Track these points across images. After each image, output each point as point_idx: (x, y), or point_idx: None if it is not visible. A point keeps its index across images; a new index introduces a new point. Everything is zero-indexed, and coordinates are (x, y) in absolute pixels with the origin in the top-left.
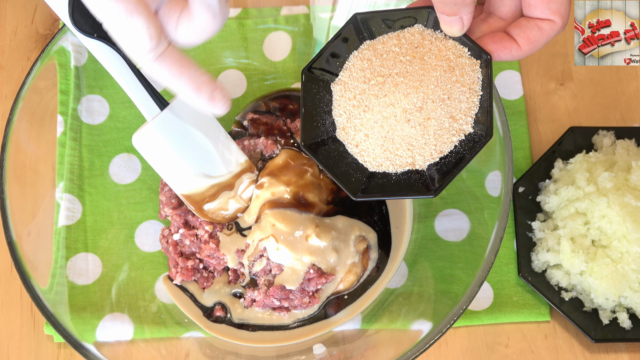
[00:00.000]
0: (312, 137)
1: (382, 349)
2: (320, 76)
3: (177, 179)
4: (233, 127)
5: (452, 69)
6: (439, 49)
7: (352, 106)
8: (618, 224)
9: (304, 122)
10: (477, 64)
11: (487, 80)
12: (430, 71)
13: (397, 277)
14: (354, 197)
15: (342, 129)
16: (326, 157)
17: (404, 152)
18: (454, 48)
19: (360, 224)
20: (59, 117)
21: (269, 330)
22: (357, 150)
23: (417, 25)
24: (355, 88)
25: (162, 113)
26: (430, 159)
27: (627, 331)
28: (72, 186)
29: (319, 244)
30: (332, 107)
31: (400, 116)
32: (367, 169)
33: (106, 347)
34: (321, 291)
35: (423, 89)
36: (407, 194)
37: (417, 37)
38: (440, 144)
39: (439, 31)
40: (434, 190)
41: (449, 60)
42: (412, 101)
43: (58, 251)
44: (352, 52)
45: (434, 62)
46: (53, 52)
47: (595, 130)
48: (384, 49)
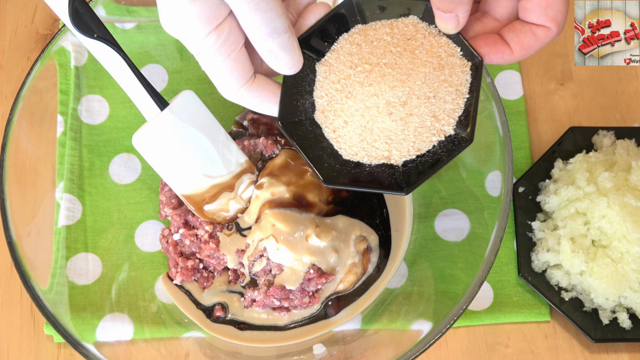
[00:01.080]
0: (290, 115)
1: (382, 349)
2: (306, 53)
3: (177, 179)
4: (233, 127)
5: (441, 67)
6: (431, 44)
7: (335, 90)
8: (618, 224)
9: (283, 98)
10: (468, 66)
11: (475, 84)
12: (420, 66)
13: (397, 277)
14: (325, 183)
15: (322, 112)
16: (301, 138)
17: (381, 144)
18: (447, 46)
19: (361, 224)
20: (59, 117)
21: (269, 330)
22: (334, 135)
23: (412, 17)
24: (341, 72)
25: (162, 113)
26: (406, 156)
27: (627, 331)
28: (72, 186)
29: (319, 244)
30: (315, 87)
31: (382, 108)
32: (341, 156)
33: (106, 347)
34: (321, 291)
35: (410, 84)
36: (378, 187)
37: (410, 29)
38: (419, 142)
39: (433, 26)
40: (405, 187)
41: (439, 57)
42: (397, 94)
43: (58, 251)
44: (342, 34)
45: (424, 58)
46: (53, 52)
47: (595, 130)
48: (375, 36)
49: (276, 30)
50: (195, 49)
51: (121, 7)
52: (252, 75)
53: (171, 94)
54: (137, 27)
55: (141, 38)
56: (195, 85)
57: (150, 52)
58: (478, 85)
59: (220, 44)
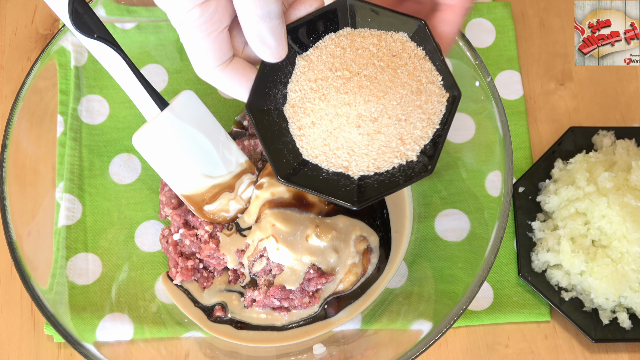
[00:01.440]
0: (260, 102)
1: (382, 349)
2: (290, 44)
3: (177, 180)
4: (233, 127)
5: (419, 92)
6: (415, 67)
7: (310, 88)
8: (618, 224)
9: (256, 84)
10: (445, 97)
11: (448, 117)
12: (398, 86)
13: (397, 277)
14: (279, 179)
15: (292, 106)
16: (265, 128)
17: (343, 154)
18: (429, 72)
19: (361, 224)
20: (59, 117)
21: (269, 330)
22: (299, 133)
23: (402, 33)
24: (320, 72)
25: (162, 113)
26: (365, 170)
27: (627, 331)
28: (72, 186)
29: (319, 244)
30: (290, 80)
31: (352, 119)
32: (301, 155)
33: (106, 347)
34: (321, 291)
35: (384, 102)
36: (330, 194)
37: (397, 46)
38: (380, 160)
39: (421, 48)
40: (356, 202)
41: (419, 82)
42: (369, 109)
43: (58, 251)
44: (330, 33)
45: (404, 79)
46: (53, 52)
47: (595, 130)
48: (361, 44)
49: (269, 14)
50: (177, 21)
51: (121, 7)
52: (230, 58)
53: (171, 94)
54: (137, 27)
55: (141, 38)
56: (195, 85)
57: (150, 52)
58: (451, 119)
59: (204, 20)
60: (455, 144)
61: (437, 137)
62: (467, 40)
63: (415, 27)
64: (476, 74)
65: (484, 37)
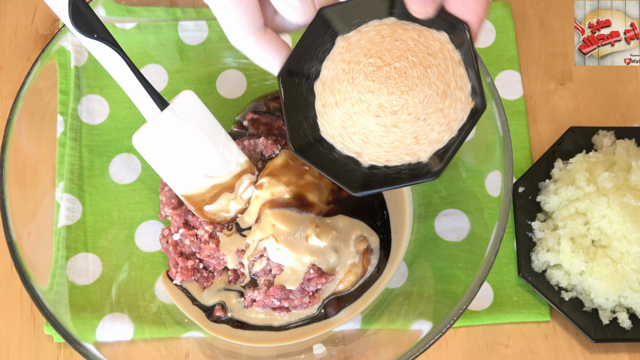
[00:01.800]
0: (293, 72)
1: (382, 349)
2: (332, 22)
3: (178, 180)
4: (233, 127)
5: (445, 95)
6: (447, 69)
7: (342, 70)
8: (618, 224)
9: (294, 54)
10: (470, 106)
11: (468, 126)
12: (425, 86)
13: (397, 277)
14: (292, 150)
15: (322, 83)
16: (292, 99)
17: (358, 139)
18: (460, 78)
19: (361, 224)
20: (59, 117)
21: (269, 330)
22: (322, 109)
23: (443, 33)
24: (355, 55)
25: (162, 113)
26: (375, 160)
27: (627, 331)
28: (72, 186)
29: (319, 244)
30: (327, 57)
31: (373, 108)
32: (319, 131)
33: (106, 347)
34: (321, 291)
35: (408, 97)
36: (335, 175)
37: (436, 45)
38: (391, 154)
39: (458, 51)
40: (358, 188)
41: (447, 85)
42: (391, 102)
43: (58, 251)
44: (374, 19)
45: (433, 79)
46: (53, 52)
47: (595, 130)
48: (401, 36)
49: None
50: None
51: (121, 7)
52: (263, 27)
53: (171, 94)
54: (137, 27)
55: (141, 38)
56: (195, 85)
57: (150, 52)
58: (469, 129)
59: None
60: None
61: (451, 145)
62: None
63: (457, 29)
64: None
65: (483, 37)
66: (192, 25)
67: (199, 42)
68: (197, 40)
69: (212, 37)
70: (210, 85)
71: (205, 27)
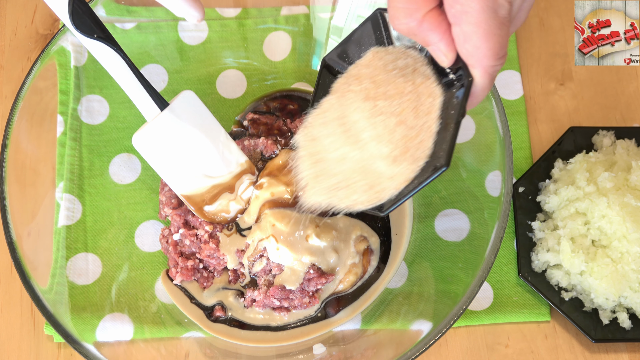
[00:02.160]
0: (336, 62)
1: (382, 349)
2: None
3: (178, 180)
4: (233, 127)
5: (397, 160)
6: (416, 135)
7: (357, 76)
8: (618, 224)
9: (343, 44)
10: (431, 168)
11: (419, 186)
12: (397, 137)
13: (397, 277)
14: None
15: (346, 79)
16: (322, 84)
17: (311, 164)
18: (429, 137)
19: (362, 224)
20: (59, 117)
21: (269, 330)
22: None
23: (439, 87)
24: (375, 70)
25: (162, 113)
26: (315, 196)
27: (627, 331)
28: (72, 186)
29: (319, 244)
30: (359, 58)
31: (341, 132)
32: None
33: (106, 347)
34: (321, 291)
35: (382, 134)
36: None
37: (426, 103)
38: (333, 195)
39: (441, 111)
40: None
41: (421, 149)
42: (363, 132)
43: (58, 251)
44: (415, 50)
45: (396, 137)
46: (53, 52)
47: (595, 130)
48: (393, 82)
49: None
50: None
51: (121, 7)
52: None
53: (171, 94)
54: (137, 27)
55: (141, 38)
56: (195, 85)
57: (150, 52)
58: (417, 191)
59: None
60: (455, 143)
61: (400, 197)
62: None
63: (458, 81)
64: None
65: None
66: (192, 25)
67: (199, 42)
68: (197, 40)
69: (212, 37)
70: (210, 85)
71: (205, 27)
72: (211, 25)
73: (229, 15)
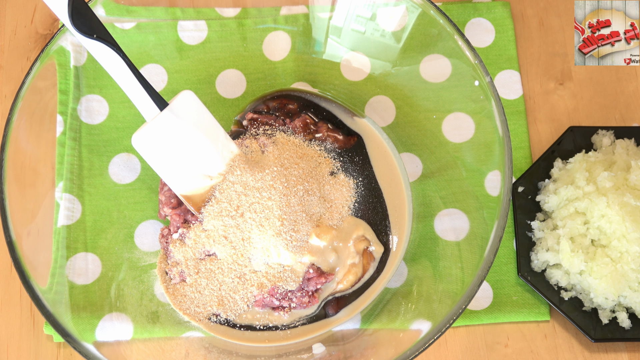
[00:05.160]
0: None
1: (381, 348)
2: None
3: (177, 180)
4: (233, 127)
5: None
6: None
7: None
8: (617, 224)
9: None
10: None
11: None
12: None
13: (397, 277)
14: None
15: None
16: None
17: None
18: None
19: (362, 224)
20: (58, 117)
21: (269, 330)
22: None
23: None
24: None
25: (162, 113)
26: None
27: (626, 331)
28: (71, 186)
29: (318, 244)
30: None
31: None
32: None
33: (106, 346)
34: (321, 291)
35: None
36: None
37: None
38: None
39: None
40: None
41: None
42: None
43: (58, 251)
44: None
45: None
46: (52, 52)
47: (594, 130)
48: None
49: None
50: None
51: (121, 7)
52: None
53: (171, 94)
54: (137, 27)
55: (141, 38)
56: (195, 85)
57: (149, 52)
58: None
59: None
60: (455, 143)
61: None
62: (467, 39)
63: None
64: (475, 74)
65: (483, 36)
66: (192, 25)
67: (199, 42)
68: (196, 40)
69: (211, 36)
70: (209, 85)
71: (205, 27)
72: (210, 25)
73: (229, 15)
